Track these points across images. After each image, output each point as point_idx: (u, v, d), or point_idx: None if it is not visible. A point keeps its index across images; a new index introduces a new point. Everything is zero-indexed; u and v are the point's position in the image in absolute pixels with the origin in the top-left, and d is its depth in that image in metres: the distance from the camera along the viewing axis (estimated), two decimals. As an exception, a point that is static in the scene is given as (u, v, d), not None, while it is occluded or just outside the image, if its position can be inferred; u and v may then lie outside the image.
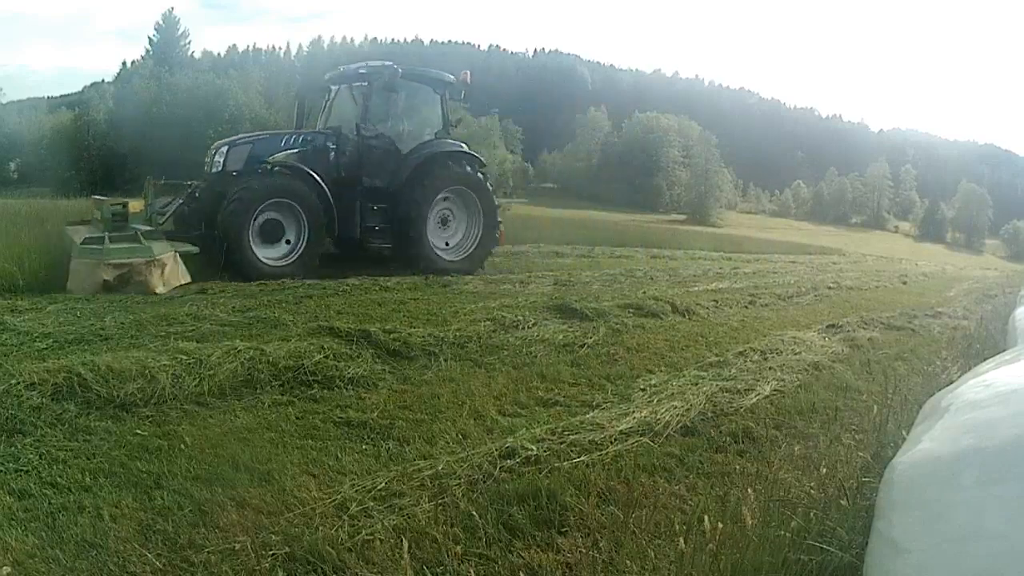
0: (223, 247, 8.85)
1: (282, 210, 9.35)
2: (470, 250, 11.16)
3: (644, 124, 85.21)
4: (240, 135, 10.77)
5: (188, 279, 8.08)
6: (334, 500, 3.04)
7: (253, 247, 9.10)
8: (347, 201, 9.98)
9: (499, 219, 11.61)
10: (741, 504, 2.55)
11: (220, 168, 9.64)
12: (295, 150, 9.95)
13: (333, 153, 10.21)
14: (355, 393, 4.57)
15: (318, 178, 9.59)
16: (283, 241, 9.48)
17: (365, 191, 10.27)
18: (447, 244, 11.11)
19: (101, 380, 4.08)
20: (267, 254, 9.27)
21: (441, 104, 11.42)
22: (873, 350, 7.04)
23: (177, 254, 8.10)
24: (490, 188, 11.55)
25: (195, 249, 8.52)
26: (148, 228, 8.61)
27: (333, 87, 11.47)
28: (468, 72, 11.60)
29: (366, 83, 10.58)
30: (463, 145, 11.39)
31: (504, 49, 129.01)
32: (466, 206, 11.18)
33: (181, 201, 9.34)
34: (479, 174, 11.27)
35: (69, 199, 18.65)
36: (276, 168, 9.67)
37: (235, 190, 9.08)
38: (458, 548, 2.52)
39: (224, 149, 9.85)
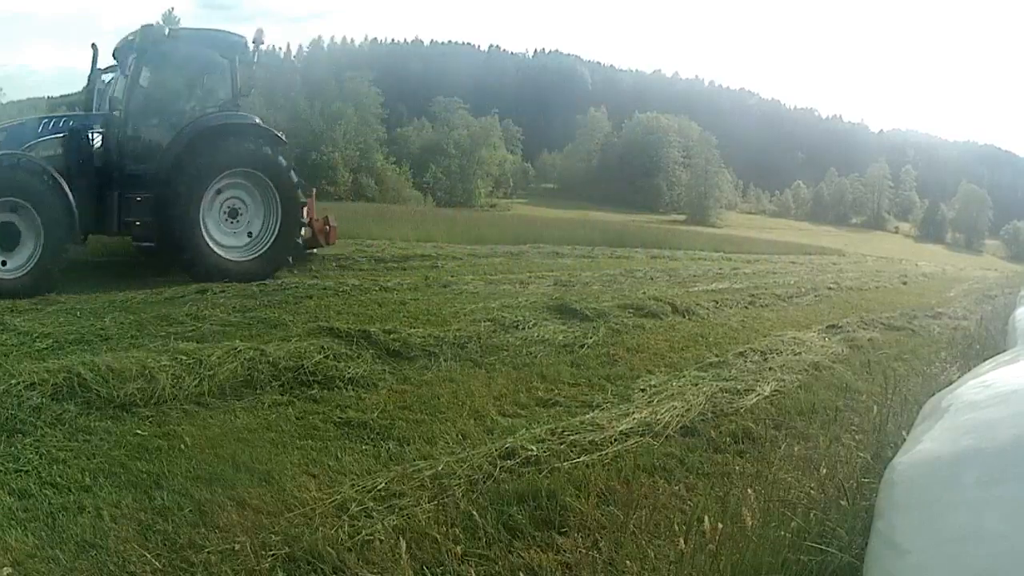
0: None
1: (20, 211, 7.73)
2: (263, 250, 9.11)
3: (644, 124, 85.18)
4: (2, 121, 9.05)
5: None
6: (334, 500, 3.05)
7: None
8: (105, 193, 8.42)
9: (306, 213, 9.80)
10: (741, 504, 2.55)
11: None
12: (54, 136, 8.35)
13: (97, 138, 8.59)
14: (355, 393, 4.58)
15: (53, 171, 7.92)
16: (19, 249, 7.76)
17: (126, 179, 8.52)
18: (240, 242, 9.14)
19: (101, 380, 4.08)
20: None
21: (231, 71, 9.32)
22: (873, 350, 7.04)
23: None
24: (292, 172, 9.47)
25: None
26: None
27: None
28: (261, 29, 9.57)
29: (134, 52, 8.79)
30: (255, 119, 9.46)
31: (504, 49, 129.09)
32: (262, 195, 9.13)
33: None
34: (275, 154, 9.21)
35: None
36: (17, 161, 7.86)
37: None
38: (458, 548, 2.52)
39: None
